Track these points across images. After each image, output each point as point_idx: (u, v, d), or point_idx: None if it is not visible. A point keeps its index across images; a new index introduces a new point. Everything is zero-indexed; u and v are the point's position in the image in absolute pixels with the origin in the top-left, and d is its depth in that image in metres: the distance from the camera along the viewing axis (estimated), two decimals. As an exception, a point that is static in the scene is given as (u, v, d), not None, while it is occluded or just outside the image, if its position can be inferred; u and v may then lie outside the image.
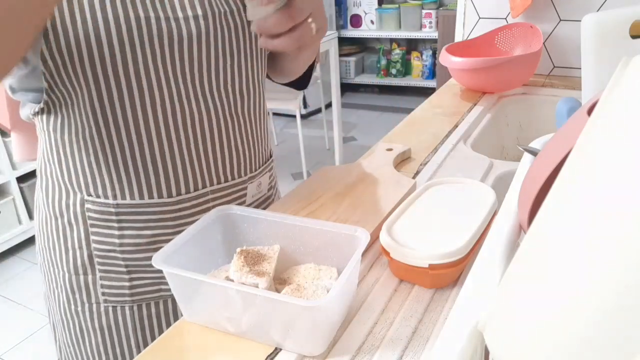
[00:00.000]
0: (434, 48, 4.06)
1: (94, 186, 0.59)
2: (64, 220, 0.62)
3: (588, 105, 0.35)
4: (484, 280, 0.33)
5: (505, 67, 1.08)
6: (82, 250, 0.62)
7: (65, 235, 0.62)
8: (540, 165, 0.37)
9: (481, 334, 0.29)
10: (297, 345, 0.46)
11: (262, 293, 0.43)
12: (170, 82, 0.56)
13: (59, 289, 0.66)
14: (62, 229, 0.62)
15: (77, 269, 0.63)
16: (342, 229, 0.51)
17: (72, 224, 0.61)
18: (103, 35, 0.51)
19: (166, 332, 0.49)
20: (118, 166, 0.58)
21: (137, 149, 0.57)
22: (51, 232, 0.64)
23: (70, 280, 0.64)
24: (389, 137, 0.95)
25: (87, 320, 0.65)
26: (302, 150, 2.88)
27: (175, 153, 0.59)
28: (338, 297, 0.44)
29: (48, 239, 0.64)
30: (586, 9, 1.14)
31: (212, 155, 0.62)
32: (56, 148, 0.59)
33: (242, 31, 0.61)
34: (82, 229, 0.61)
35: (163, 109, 0.57)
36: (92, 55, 0.51)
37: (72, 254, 0.62)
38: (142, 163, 0.58)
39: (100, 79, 0.53)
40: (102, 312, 0.64)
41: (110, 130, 0.56)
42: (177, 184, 0.60)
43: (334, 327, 0.47)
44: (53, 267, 0.65)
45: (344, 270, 0.44)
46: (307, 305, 0.42)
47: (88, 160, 0.58)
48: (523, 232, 0.40)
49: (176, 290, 0.49)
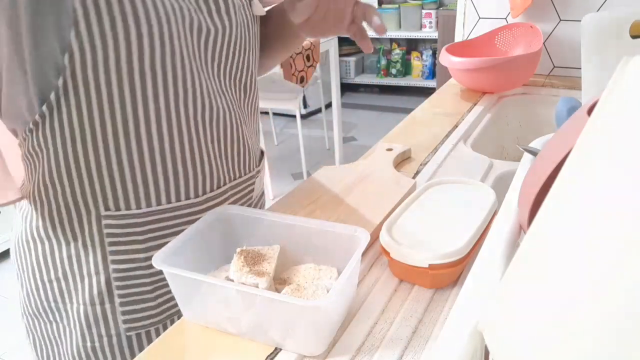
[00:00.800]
0: (434, 48, 4.06)
1: (114, 198, 0.55)
2: (77, 244, 0.57)
3: (588, 105, 0.35)
4: (484, 280, 0.33)
5: (505, 67, 1.08)
6: (98, 275, 0.57)
7: (79, 262, 0.57)
8: (540, 165, 0.37)
9: (481, 334, 0.29)
10: (297, 345, 0.46)
11: (262, 293, 0.43)
12: (201, 77, 0.56)
13: (71, 326, 0.60)
14: (76, 255, 0.57)
15: (92, 299, 0.58)
16: (342, 229, 0.51)
17: (87, 247, 0.57)
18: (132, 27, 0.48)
19: (166, 332, 0.49)
20: (145, 169, 0.55)
21: (162, 149, 0.55)
22: (60, 262, 0.58)
23: (86, 313, 0.58)
24: (389, 137, 0.95)
25: (107, 356, 0.60)
26: (302, 150, 2.88)
27: (202, 150, 0.58)
28: (338, 297, 0.44)
29: (55, 271, 0.58)
30: (586, 9, 1.14)
31: (230, 151, 0.62)
32: (65, 164, 0.53)
33: (251, 26, 0.62)
34: (98, 250, 0.57)
35: (194, 105, 0.56)
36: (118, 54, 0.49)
37: (88, 282, 0.57)
38: (172, 164, 0.56)
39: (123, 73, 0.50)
40: (124, 343, 0.60)
41: (129, 130, 0.52)
42: (203, 183, 0.60)
43: (334, 327, 0.47)
44: (63, 302, 0.59)
45: (344, 270, 0.44)
46: (307, 305, 0.42)
47: (109, 168, 0.54)
48: (523, 232, 0.40)
49: (176, 291, 0.49)
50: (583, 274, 0.22)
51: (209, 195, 0.60)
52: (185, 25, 0.52)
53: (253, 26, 0.63)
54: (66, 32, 0.47)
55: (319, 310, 0.42)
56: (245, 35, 0.61)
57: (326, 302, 0.41)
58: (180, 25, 0.52)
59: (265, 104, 2.83)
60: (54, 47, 0.47)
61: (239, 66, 0.61)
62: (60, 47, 0.47)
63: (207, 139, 0.58)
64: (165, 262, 0.47)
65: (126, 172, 0.54)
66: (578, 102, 0.63)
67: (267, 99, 2.76)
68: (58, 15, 0.46)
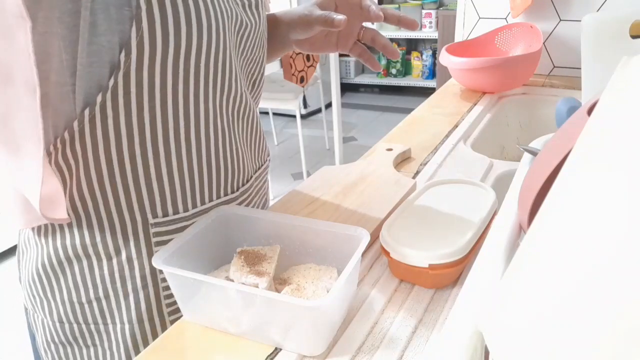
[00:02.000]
0: (434, 48, 4.06)
1: (162, 204, 0.52)
2: (120, 258, 0.53)
3: (588, 105, 0.35)
4: (484, 280, 0.33)
5: (505, 67, 1.08)
6: (147, 289, 0.54)
7: (122, 277, 0.53)
8: (540, 165, 0.37)
9: (481, 334, 0.29)
10: (297, 345, 0.46)
11: (262, 293, 0.44)
12: (238, 72, 0.56)
13: (113, 348, 0.56)
14: (119, 271, 0.53)
15: (140, 316, 0.54)
16: (342, 229, 0.51)
17: (132, 260, 0.53)
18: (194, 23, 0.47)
19: (166, 332, 0.49)
20: (192, 170, 0.53)
21: (207, 148, 0.54)
22: (101, 280, 0.53)
23: (132, 332, 0.54)
24: (389, 137, 0.95)
25: None
26: (302, 150, 2.88)
27: (238, 145, 0.59)
28: (338, 297, 0.44)
29: (95, 290, 0.54)
30: (586, 9, 1.14)
31: (254, 143, 0.63)
32: (109, 173, 0.49)
33: (264, 24, 0.63)
34: (146, 262, 0.53)
35: (234, 101, 0.56)
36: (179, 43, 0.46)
37: (134, 298, 0.54)
38: (215, 161, 0.55)
39: (180, 72, 0.48)
40: None
41: (180, 133, 0.51)
42: (238, 177, 0.60)
43: (334, 327, 0.47)
44: (104, 324, 0.55)
45: (344, 270, 0.44)
46: (308, 306, 0.42)
47: (158, 174, 0.51)
48: (523, 232, 0.40)
49: (176, 290, 0.49)
50: (583, 273, 0.22)
51: (242, 189, 0.61)
52: (232, 21, 0.53)
53: (264, 25, 0.64)
54: (126, 27, 0.44)
55: (319, 310, 0.42)
56: (265, 31, 0.62)
57: (326, 302, 0.42)
58: (227, 21, 0.52)
59: (265, 104, 2.83)
60: (111, 42, 0.44)
61: (257, 61, 0.62)
62: (119, 43, 0.44)
63: (240, 134, 0.59)
64: (166, 262, 0.47)
65: (175, 176, 0.52)
66: (578, 102, 0.63)
67: (267, 99, 2.76)
68: (119, 8, 0.43)
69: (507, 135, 1.17)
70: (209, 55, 0.50)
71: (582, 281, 0.22)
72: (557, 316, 0.22)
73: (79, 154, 0.48)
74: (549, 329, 0.22)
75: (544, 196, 0.26)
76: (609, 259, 0.21)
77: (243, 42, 0.57)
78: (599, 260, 0.21)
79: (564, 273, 0.23)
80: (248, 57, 0.60)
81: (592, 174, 0.24)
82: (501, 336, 0.25)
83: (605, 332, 0.20)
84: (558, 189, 0.26)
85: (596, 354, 0.20)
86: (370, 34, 0.67)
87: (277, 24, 0.68)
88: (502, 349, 0.25)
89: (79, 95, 0.46)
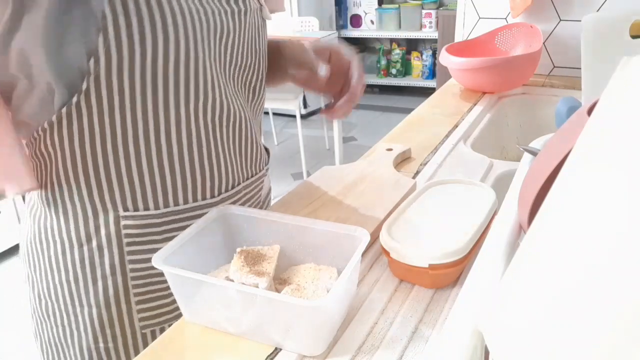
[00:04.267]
0: (434, 48, 4.06)
1: (133, 199, 0.55)
2: (91, 245, 0.56)
3: (588, 105, 0.35)
4: (484, 280, 0.33)
5: (505, 67, 1.08)
6: (114, 277, 0.57)
7: (92, 264, 0.56)
8: (540, 165, 0.37)
9: (481, 334, 0.29)
10: (297, 345, 0.46)
11: (262, 293, 0.44)
12: (220, 80, 0.56)
13: (80, 330, 0.59)
14: (89, 257, 0.56)
15: (107, 301, 0.57)
16: (342, 229, 0.51)
17: (102, 249, 0.56)
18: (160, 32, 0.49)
19: (166, 332, 0.49)
20: (164, 172, 0.55)
21: (180, 152, 0.55)
22: (72, 264, 0.57)
23: (100, 315, 0.58)
24: (389, 137, 0.95)
25: (120, 356, 0.60)
26: (302, 150, 2.88)
27: (219, 152, 0.59)
28: (338, 297, 0.44)
29: (67, 273, 0.57)
30: (586, 9, 1.14)
31: (244, 151, 0.63)
32: (82, 166, 0.53)
33: (261, 30, 0.63)
34: (115, 251, 0.56)
35: (213, 108, 0.56)
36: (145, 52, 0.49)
37: (102, 284, 0.57)
38: (190, 166, 0.56)
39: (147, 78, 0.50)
40: (139, 341, 0.59)
41: (149, 135, 0.53)
42: (219, 183, 0.60)
43: (334, 327, 0.47)
44: (72, 306, 0.59)
45: (344, 271, 0.44)
46: (307, 305, 0.42)
47: (128, 171, 0.53)
48: (523, 232, 0.40)
49: (176, 290, 0.49)
50: (583, 273, 0.22)
51: (224, 195, 0.61)
52: (210, 29, 0.53)
53: (263, 30, 0.63)
54: (93, 37, 0.47)
55: (319, 310, 0.42)
56: (256, 38, 0.61)
57: (326, 302, 0.41)
58: (205, 30, 0.52)
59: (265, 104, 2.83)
60: (79, 51, 0.47)
61: (251, 68, 0.62)
62: (87, 52, 0.47)
63: (224, 141, 0.59)
64: (166, 262, 0.47)
65: (145, 175, 0.54)
66: (578, 102, 0.63)
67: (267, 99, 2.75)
68: (85, 19, 0.46)
69: (507, 135, 1.17)
70: (178, 64, 0.51)
71: (581, 281, 0.22)
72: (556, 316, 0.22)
73: (57, 144, 0.52)
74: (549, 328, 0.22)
75: (544, 196, 0.26)
76: (608, 258, 0.21)
77: (229, 49, 0.57)
78: (599, 260, 0.21)
79: (564, 273, 0.23)
80: (240, 65, 0.59)
81: (592, 174, 0.24)
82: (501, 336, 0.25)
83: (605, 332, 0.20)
84: (558, 189, 0.26)
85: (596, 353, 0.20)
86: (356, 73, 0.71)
87: (279, 55, 0.69)
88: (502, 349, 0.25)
89: (57, 95, 0.50)
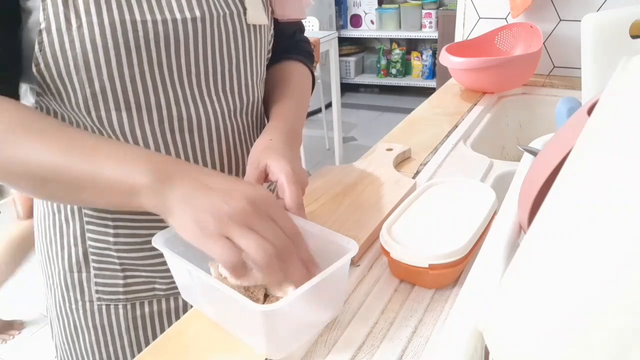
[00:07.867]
0: (434, 48, 4.05)
1: None
2: (60, 216, 0.62)
3: (588, 105, 0.36)
4: (484, 280, 0.33)
5: (505, 67, 1.08)
6: (77, 247, 0.62)
7: (61, 232, 0.63)
8: (540, 165, 0.37)
9: (481, 334, 0.29)
10: (257, 346, 0.46)
11: (221, 288, 0.42)
12: (166, 86, 0.56)
13: (54, 286, 0.66)
14: (59, 225, 0.63)
15: (71, 266, 0.63)
16: (334, 237, 0.49)
17: (68, 221, 0.62)
18: (98, 39, 0.50)
19: (166, 332, 0.50)
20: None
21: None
22: (48, 228, 0.64)
23: (65, 278, 0.64)
24: (389, 137, 0.95)
25: (80, 319, 0.65)
26: (302, 150, 2.88)
27: (171, 155, 0.58)
28: (295, 304, 0.43)
29: (45, 235, 0.65)
30: (586, 9, 1.14)
31: (210, 158, 0.61)
32: None
33: (241, 35, 0.60)
34: (77, 225, 0.61)
35: (159, 113, 0.56)
36: (87, 59, 0.51)
37: (68, 251, 0.63)
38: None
39: (95, 83, 0.52)
40: (95, 310, 0.64)
41: (105, 133, 0.55)
42: None
43: (297, 334, 0.46)
44: (50, 264, 0.66)
45: (309, 281, 0.42)
46: (255, 310, 0.40)
47: None
48: (523, 232, 0.40)
49: (171, 269, 0.53)
50: (583, 273, 0.22)
51: None
52: (148, 37, 0.53)
53: (246, 35, 0.61)
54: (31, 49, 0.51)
55: (267, 315, 0.41)
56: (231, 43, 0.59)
57: (273, 309, 0.40)
58: (141, 39, 0.52)
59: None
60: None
61: (225, 75, 0.60)
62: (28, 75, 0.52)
63: (178, 146, 0.58)
64: (167, 243, 0.48)
65: None
66: (578, 102, 0.63)
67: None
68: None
69: (507, 135, 1.17)
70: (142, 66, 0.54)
71: (582, 281, 0.22)
72: (556, 316, 0.22)
73: None
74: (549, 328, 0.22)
75: (544, 196, 0.26)
76: (608, 258, 0.21)
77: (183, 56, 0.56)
78: (599, 260, 0.21)
79: (564, 273, 0.23)
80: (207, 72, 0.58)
81: (591, 174, 0.24)
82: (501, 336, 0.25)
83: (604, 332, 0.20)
84: (558, 189, 0.26)
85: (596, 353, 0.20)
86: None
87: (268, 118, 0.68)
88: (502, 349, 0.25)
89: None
